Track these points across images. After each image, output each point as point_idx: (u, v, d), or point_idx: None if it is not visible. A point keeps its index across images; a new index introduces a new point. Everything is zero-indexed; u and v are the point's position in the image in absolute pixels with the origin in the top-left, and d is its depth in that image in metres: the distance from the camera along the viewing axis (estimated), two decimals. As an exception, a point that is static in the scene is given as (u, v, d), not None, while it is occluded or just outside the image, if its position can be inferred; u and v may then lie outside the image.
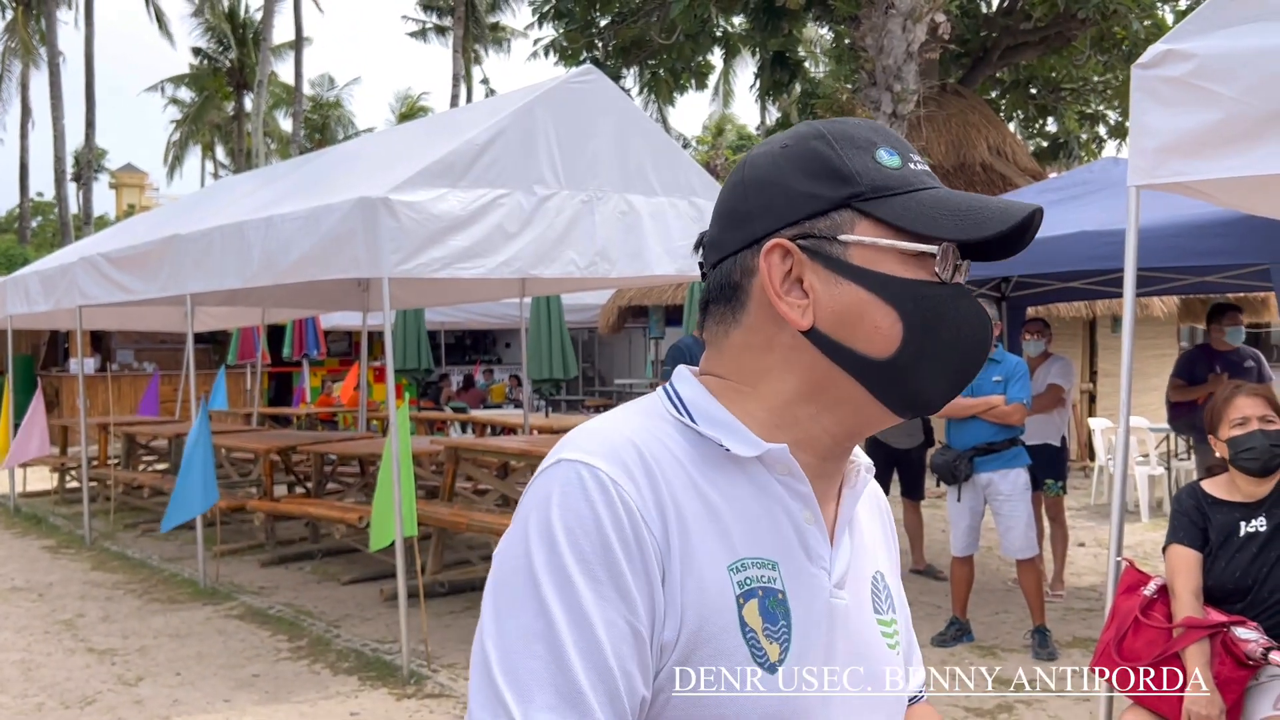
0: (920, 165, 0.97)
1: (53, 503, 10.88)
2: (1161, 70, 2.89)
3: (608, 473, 0.87)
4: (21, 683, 5.13)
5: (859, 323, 0.92)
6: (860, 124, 0.98)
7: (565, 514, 0.86)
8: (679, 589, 0.87)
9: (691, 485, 0.91)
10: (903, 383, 0.93)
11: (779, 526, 0.94)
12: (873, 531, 1.10)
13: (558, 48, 15.71)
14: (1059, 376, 6.36)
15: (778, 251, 0.94)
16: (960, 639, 5.54)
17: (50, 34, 26.97)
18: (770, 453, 0.93)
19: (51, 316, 9.82)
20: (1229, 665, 2.87)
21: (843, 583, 0.98)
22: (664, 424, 0.95)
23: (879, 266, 0.92)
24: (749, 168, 0.99)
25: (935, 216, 0.92)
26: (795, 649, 0.92)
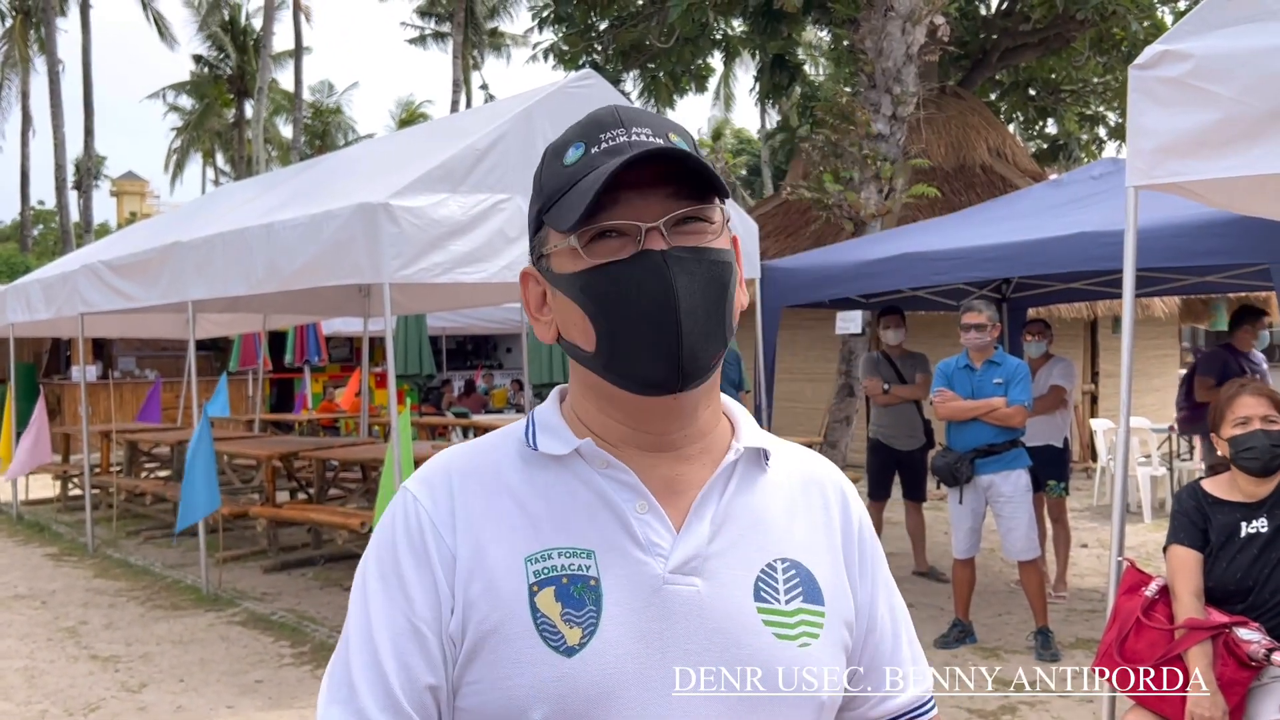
0: (607, 144, 0.96)
1: (55, 510, 10.88)
2: (1159, 71, 2.89)
3: (414, 494, 1.02)
4: (25, 690, 5.14)
5: (570, 324, 0.99)
6: (582, 120, 1.00)
7: (380, 533, 1.02)
8: (467, 585, 0.96)
9: (503, 488, 1.00)
10: (617, 367, 0.97)
11: (599, 517, 0.98)
12: (784, 519, 1.05)
13: (557, 52, 15.73)
14: (1061, 378, 6.36)
15: (528, 279, 1.04)
16: (963, 641, 5.53)
17: (50, 42, 27.00)
18: (581, 447, 1.00)
19: (53, 324, 9.83)
20: (1231, 666, 2.87)
21: (694, 570, 0.98)
22: (507, 440, 1.06)
23: (563, 269, 0.98)
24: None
25: (563, 210, 0.95)
26: (605, 634, 0.94)
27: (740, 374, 6.15)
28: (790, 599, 1.01)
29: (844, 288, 6.49)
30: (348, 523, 6.70)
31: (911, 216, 11.60)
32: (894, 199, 11.24)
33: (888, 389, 6.84)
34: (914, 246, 6.07)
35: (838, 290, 6.54)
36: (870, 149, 11.20)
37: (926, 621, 5.98)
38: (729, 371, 6.05)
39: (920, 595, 6.61)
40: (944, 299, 7.91)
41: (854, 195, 11.07)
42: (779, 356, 8.34)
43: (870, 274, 6.21)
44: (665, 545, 0.98)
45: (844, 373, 11.69)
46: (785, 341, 11.11)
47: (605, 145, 0.96)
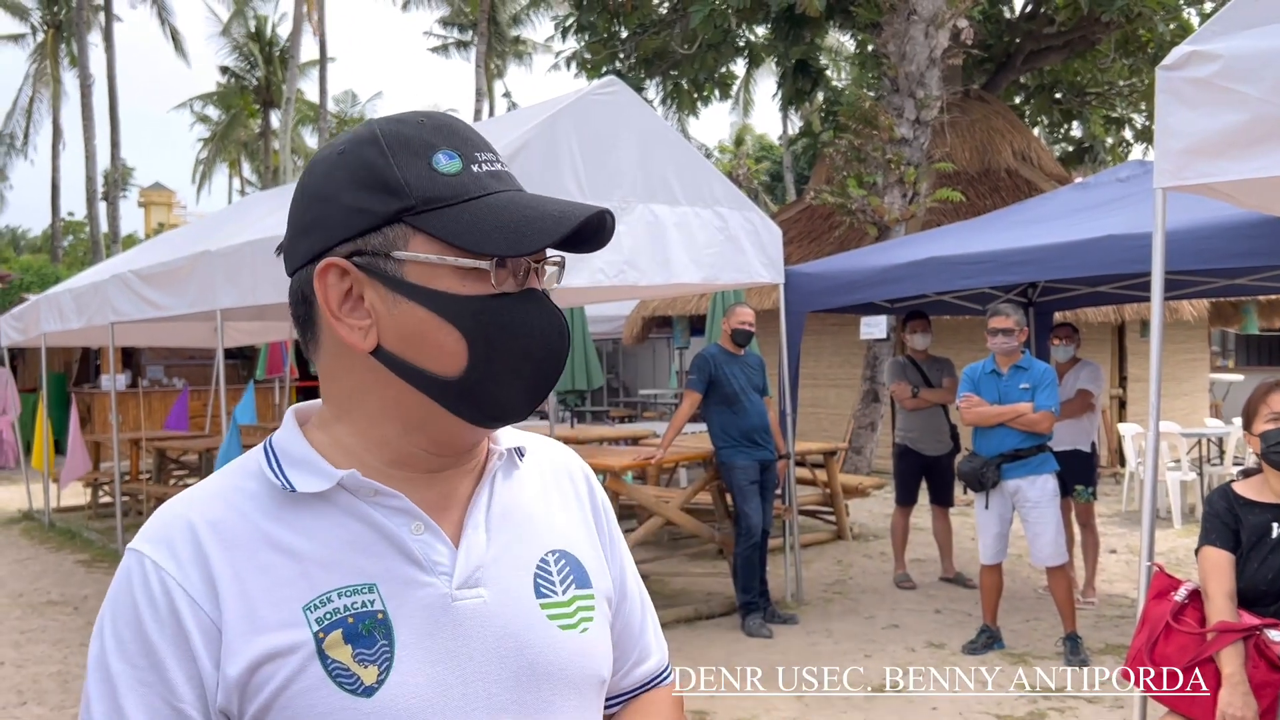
0: (488, 167, 0.93)
1: (86, 517, 11.00)
2: (1186, 71, 2.87)
3: (152, 558, 0.90)
4: (59, 694, 5.19)
5: (423, 342, 0.90)
6: (424, 123, 0.94)
7: (114, 606, 0.90)
8: (241, 652, 0.87)
9: (260, 539, 0.91)
10: (477, 398, 0.91)
11: (375, 548, 0.93)
12: (545, 509, 1.06)
13: (580, 60, 15.80)
14: (1088, 382, 6.31)
15: (332, 271, 0.92)
16: (991, 647, 5.50)
17: (81, 56, 27.36)
18: (346, 480, 0.92)
19: (84, 333, 9.94)
20: (1263, 668, 2.84)
21: (477, 580, 0.96)
22: (246, 478, 0.96)
23: (436, 283, 0.89)
24: (308, 174, 0.96)
25: (486, 230, 0.88)
26: (402, 666, 0.90)
27: (764, 380, 6.14)
28: (565, 588, 1.02)
29: (868, 293, 6.47)
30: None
31: (936, 221, 11.56)
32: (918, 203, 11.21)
33: (916, 393, 6.82)
34: (939, 251, 6.05)
35: (862, 295, 6.52)
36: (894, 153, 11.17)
37: (954, 627, 5.95)
38: (753, 377, 6.04)
39: (948, 601, 6.58)
40: (970, 303, 7.87)
41: (878, 200, 11.05)
42: (803, 362, 8.32)
43: (895, 279, 6.19)
44: (446, 562, 0.94)
45: (869, 378, 11.67)
46: (809, 347, 11.10)
47: (486, 168, 0.93)
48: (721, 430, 5.99)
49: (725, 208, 6.08)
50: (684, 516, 6.74)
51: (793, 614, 6.19)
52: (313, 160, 0.97)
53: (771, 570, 6.37)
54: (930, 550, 7.53)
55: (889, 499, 8.15)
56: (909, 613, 6.32)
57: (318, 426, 0.98)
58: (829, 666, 5.24)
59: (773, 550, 6.78)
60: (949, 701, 4.75)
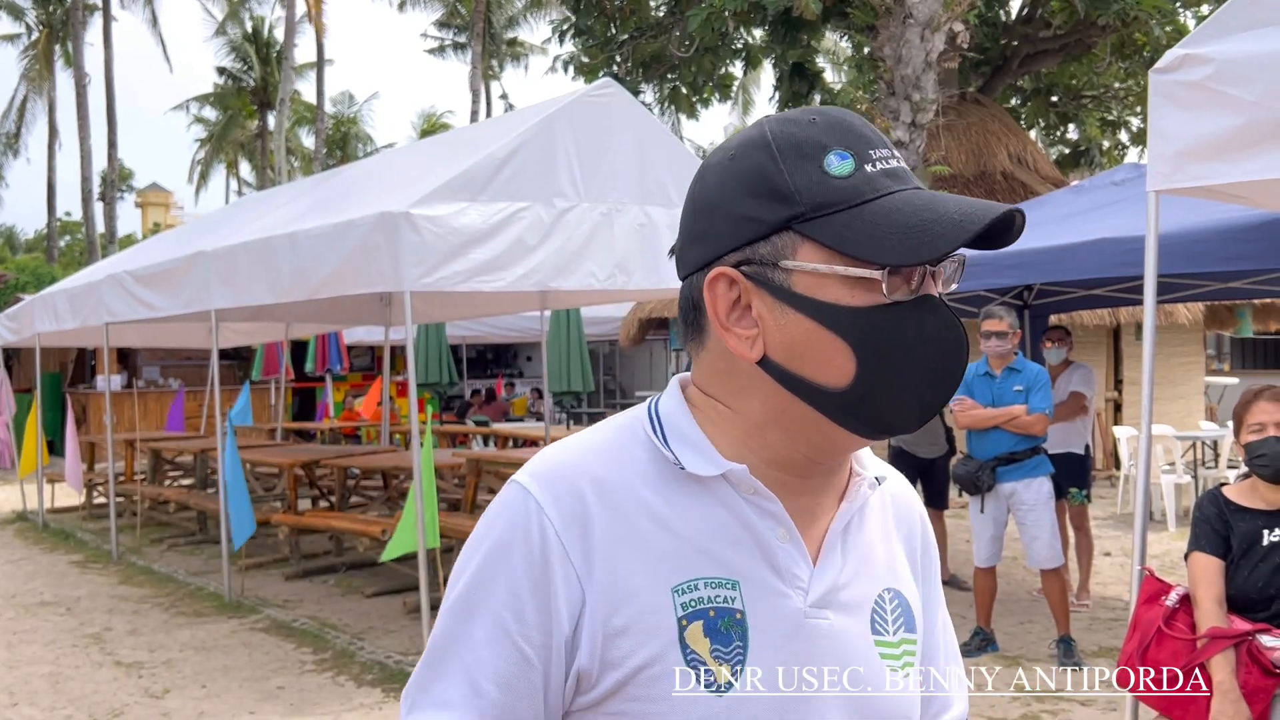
0: (883, 165, 0.89)
1: (80, 518, 10.97)
2: (1179, 75, 2.88)
3: (538, 498, 0.89)
4: (50, 695, 5.18)
5: (809, 353, 0.88)
6: (815, 121, 0.90)
7: (489, 535, 0.90)
8: (605, 619, 0.87)
9: (643, 508, 0.90)
10: (864, 411, 0.89)
11: (743, 545, 0.92)
12: (887, 548, 1.04)
13: (576, 63, 15.79)
14: (1081, 384, 6.32)
15: (722, 281, 0.90)
16: (985, 649, 5.50)
17: (77, 56, 27.34)
18: (732, 473, 0.91)
19: (79, 334, 9.93)
20: (1255, 674, 2.84)
21: (827, 602, 0.94)
22: (633, 442, 0.95)
23: (823, 294, 0.87)
24: (700, 182, 0.95)
25: (879, 236, 0.85)
26: (753, 671, 0.89)
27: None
28: (896, 629, 1.01)
29: (864, 295, 6.48)
30: (369, 530, 6.73)
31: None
32: (914, 206, 11.19)
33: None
34: (934, 253, 6.05)
35: (857, 297, 6.52)
36: (890, 156, 11.15)
37: (948, 630, 5.94)
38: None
39: (942, 604, 6.57)
40: (965, 305, 7.88)
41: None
42: (799, 364, 8.31)
43: (890, 281, 6.19)
44: (804, 578, 0.93)
45: (864, 380, 11.65)
46: (805, 349, 11.08)
47: (881, 166, 0.89)
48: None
49: (721, 210, 6.08)
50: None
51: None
52: (704, 165, 0.96)
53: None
54: (925, 553, 7.52)
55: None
56: (903, 615, 6.31)
57: (701, 408, 0.96)
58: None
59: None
60: (943, 704, 4.74)
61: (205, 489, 10.00)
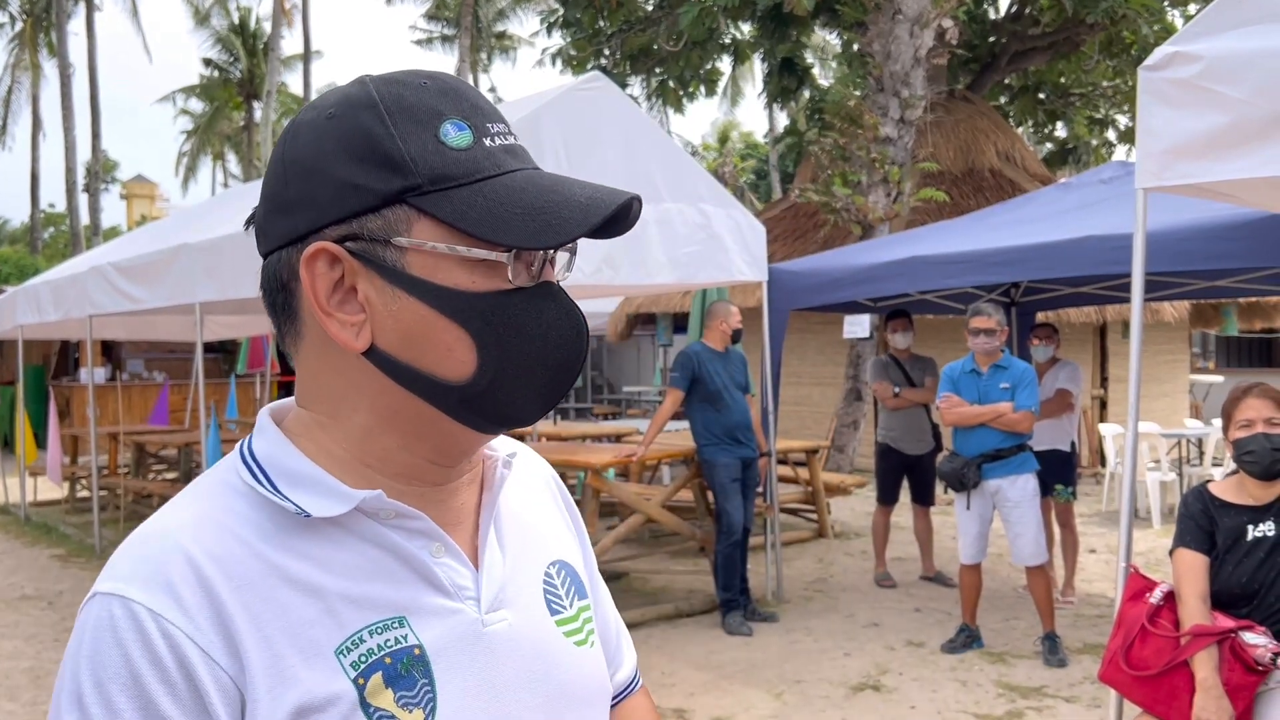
0: (501, 140, 0.81)
1: (63, 512, 10.91)
2: (1168, 72, 2.88)
3: (144, 604, 0.73)
4: (32, 690, 5.14)
5: (426, 343, 0.79)
6: (427, 85, 0.81)
7: (95, 667, 0.72)
8: (271, 709, 0.75)
9: (273, 574, 0.78)
10: (484, 406, 0.81)
11: (398, 575, 0.82)
12: (540, 519, 0.99)
13: (565, 56, 15.77)
14: (1067, 381, 6.34)
15: (322, 258, 0.79)
16: (970, 646, 5.51)
17: (60, 46, 27.15)
18: (366, 502, 0.80)
19: (62, 326, 9.86)
20: (1238, 671, 2.85)
21: (500, 603, 0.87)
22: (235, 499, 0.81)
23: (441, 277, 0.78)
24: (290, 140, 0.82)
25: (505, 216, 0.77)
26: (446, 703, 0.81)
27: (747, 378, 6.13)
28: (571, 600, 0.96)
29: (852, 291, 6.48)
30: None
31: (919, 220, 11.58)
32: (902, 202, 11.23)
33: (898, 392, 6.83)
34: (922, 250, 6.06)
35: (845, 294, 6.52)
36: (878, 152, 11.19)
37: (933, 626, 5.96)
38: (736, 374, 6.03)
39: (927, 600, 6.59)
40: (952, 302, 7.89)
41: (862, 199, 11.07)
42: (786, 360, 8.32)
43: (878, 277, 6.20)
44: (471, 586, 0.85)
45: (851, 377, 11.70)
46: (792, 345, 11.11)
47: (500, 141, 0.81)
48: (704, 428, 5.98)
49: (709, 204, 6.08)
50: (665, 514, 6.73)
51: (773, 612, 6.19)
52: (294, 123, 0.83)
53: (752, 568, 6.36)
54: (911, 549, 7.54)
55: (870, 497, 8.17)
56: (889, 611, 6.33)
57: (303, 434, 0.84)
58: (808, 665, 5.24)
59: (754, 548, 6.77)
60: (928, 700, 4.76)
61: (189, 482, 9.95)
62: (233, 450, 0.87)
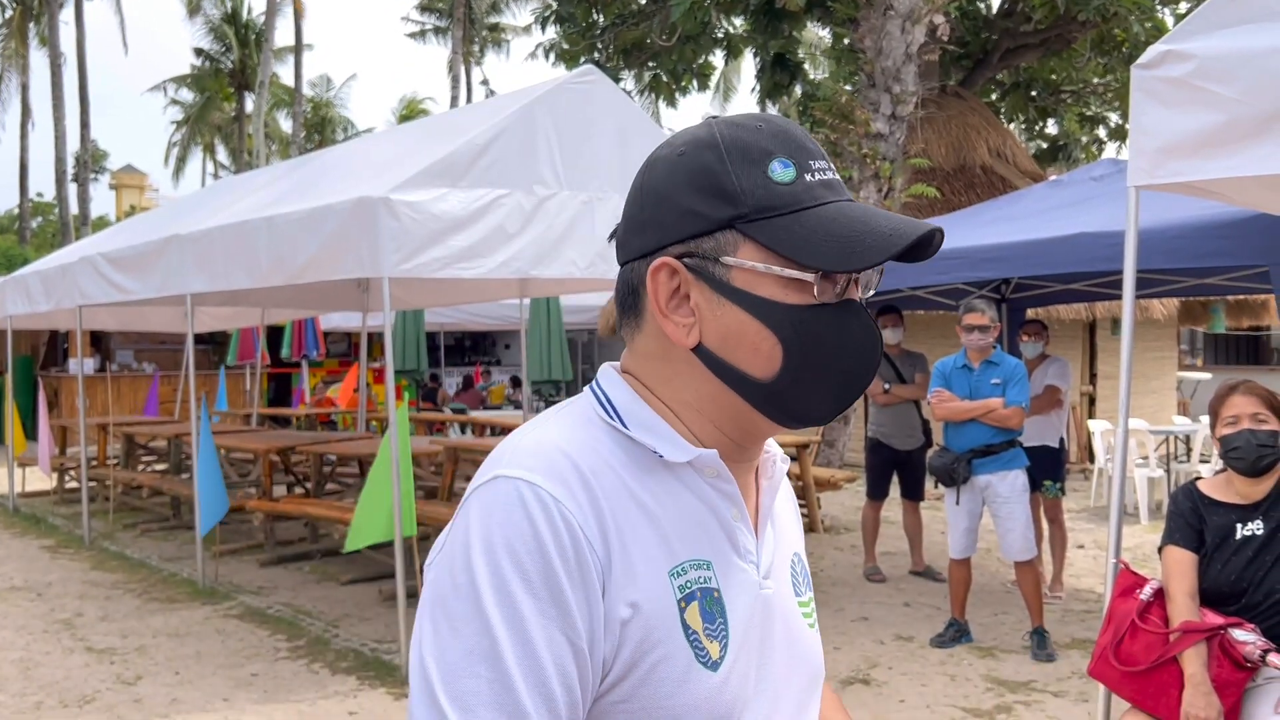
0: (820, 175, 0.95)
1: (52, 503, 10.87)
2: (1161, 71, 2.89)
3: (548, 490, 0.88)
4: (20, 681, 5.13)
5: (741, 344, 0.94)
6: (761, 128, 0.96)
7: (508, 531, 0.86)
8: (619, 604, 0.88)
9: (628, 494, 0.93)
10: (784, 402, 0.95)
11: (709, 527, 0.97)
12: (786, 515, 1.14)
13: (558, 50, 15.72)
14: (1056, 378, 6.36)
15: (664, 270, 0.95)
16: (959, 640, 5.53)
17: (51, 35, 26.97)
18: (701, 458, 0.96)
19: (51, 317, 9.82)
20: (1227, 668, 2.86)
21: (769, 572, 1.02)
22: (597, 430, 0.97)
23: (759, 290, 0.93)
24: (649, 172, 0.99)
25: (815, 242, 0.91)
26: (734, 644, 0.95)
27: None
28: (804, 589, 1.10)
29: (843, 286, 6.48)
30: (344, 517, 6.69)
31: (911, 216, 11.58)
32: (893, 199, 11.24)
33: (888, 388, 6.84)
34: (913, 246, 6.06)
35: (837, 289, 6.53)
36: (870, 148, 11.19)
37: (923, 621, 5.98)
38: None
39: (917, 594, 6.62)
40: (943, 299, 7.91)
41: (853, 194, 11.06)
42: (777, 355, 8.30)
43: (869, 273, 6.20)
44: (754, 551, 1.00)
45: (842, 372, 11.69)
46: (784, 340, 11.09)
47: (819, 176, 0.95)
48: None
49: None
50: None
51: (763, 606, 6.20)
52: (653, 157, 1.00)
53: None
54: (900, 543, 7.57)
55: (860, 492, 8.18)
56: (878, 605, 6.35)
57: (644, 397, 0.99)
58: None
59: (744, 542, 6.78)
60: (917, 694, 4.78)
61: (179, 474, 9.92)
62: (584, 392, 1.03)
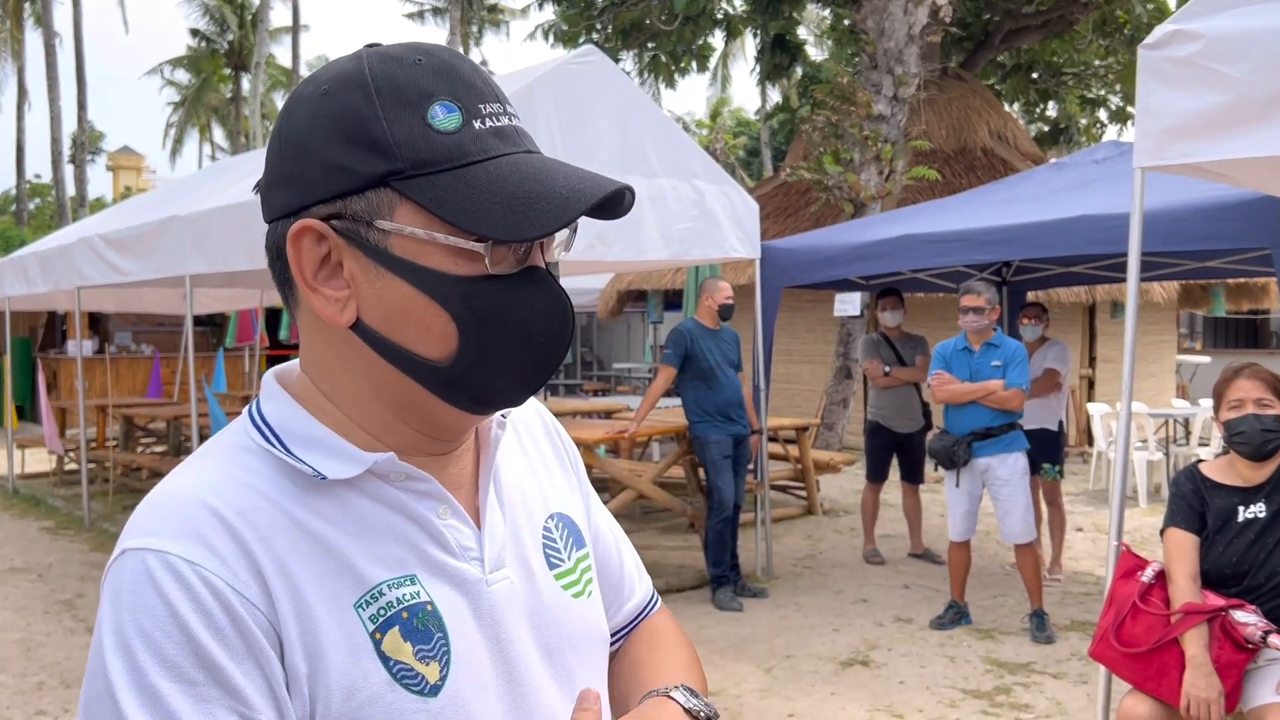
0: (493, 122, 0.81)
1: (51, 484, 10.87)
2: (1168, 51, 2.87)
3: (181, 555, 0.74)
4: (22, 662, 5.14)
5: (406, 321, 0.80)
6: (421, 62, 0.81)
7: (139, 616, 0.73)
8: (303, 659, 0.77)
9: (295, 526, 0.80)
10: (466, 386, 0.83)
11: (408, 535, 0.85)
12: (537, 475, 1.01)
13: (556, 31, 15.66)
14: (1055, 361, 6.36)
15: (309, 235, 0.80)
16: (958, 622, 5.55)
17: (46, 15, 26.81)
18: (378, 465, 0.83)
19: (49, 298, 9.79)
20: (1228, 649, 2.87)
21: (501, 561, 0.90)
22: (250, 459, 0.83)
23: (423, 259, 0.79)
24: (287, 115, 0.83)
25: (483, 206, 0.77)
26: (459, 657, 0.84)
27: (739, 355, 6.13)
28: (569, 553, 0.99)
29: (843, 269, 6.47)
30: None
31: (911, 199, 11.58)
32: (894, 181, 11.21)
33: (888, 371, 6.84)
34: (914, 228, 6.05)
35: (837, 272, 6.52)
36: (871, 130, 11.15)
37: (922, 603, 6.00)
38: (728, 352, 6.03)
39: (916, 577, 6.63)
40: (943, 281, 7.90)
41: (854, 177, 11.04)
42: (777, 338, 8.32)
43: (870, 255, 6.20)
44: (474, 546, 0.88)
45: (842, 354, 11.71)
46: (783, 323, 11.11)
47: (490, 123, 0.80)
48: (696, 405, 5.99)
49: (702, 181, 6.05)
50: (656, 490, 6.74)
51: (763, 588, 6.22)
52: (293, 96, 0.84)
53: (742, 544, 6.39)
54: (900, 526, 7.58)
55: (860, 475, 8.19)
56: (878, 588, 6.36)
57: (310, 400, 0.87)
58: (798, 640, 5.27)
59: (744, 525, 6.80)
60: (916, 675, 4.80)
61: (178, 455, 9.92)
62: (240, 415, 0.89)
